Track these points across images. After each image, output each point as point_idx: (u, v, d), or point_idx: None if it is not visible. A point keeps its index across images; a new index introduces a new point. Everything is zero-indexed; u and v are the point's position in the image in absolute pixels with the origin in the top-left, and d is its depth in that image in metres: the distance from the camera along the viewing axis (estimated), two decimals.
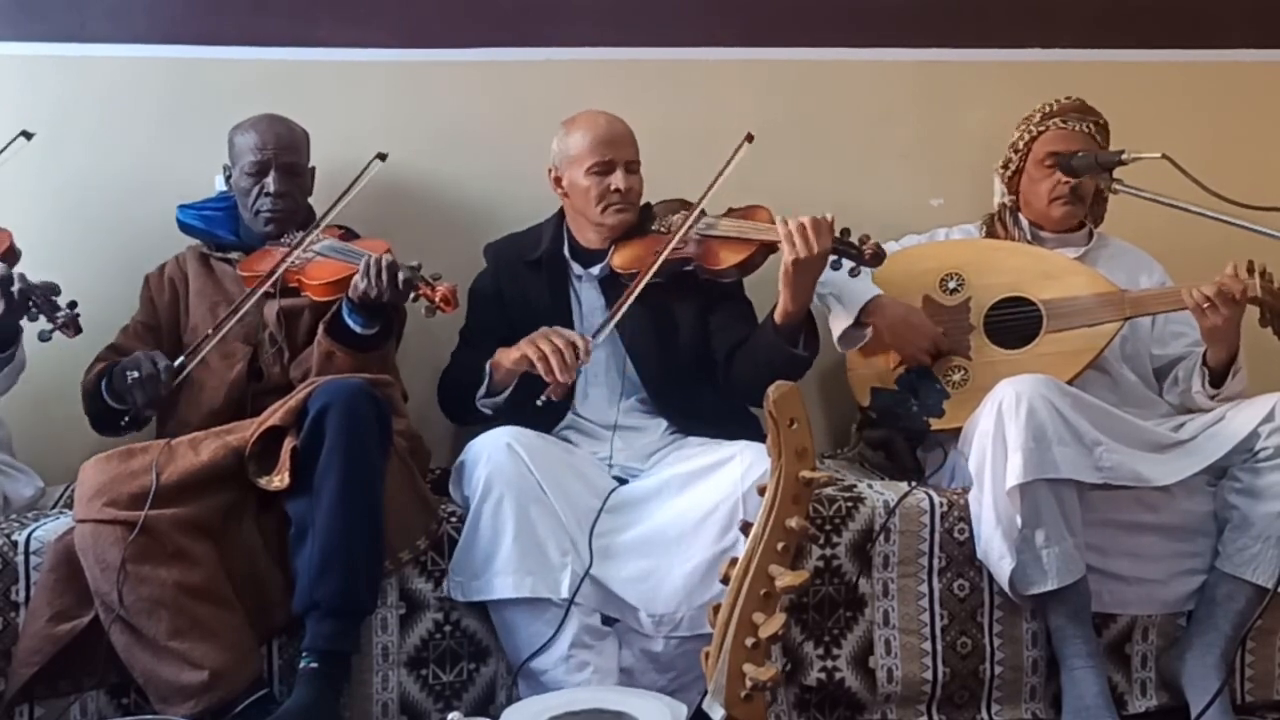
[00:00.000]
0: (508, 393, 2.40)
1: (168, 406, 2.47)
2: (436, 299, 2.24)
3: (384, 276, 2.25)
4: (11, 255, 2.27)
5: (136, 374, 2.25)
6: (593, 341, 2.32)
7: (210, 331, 2.35)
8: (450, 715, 1.77)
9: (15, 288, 2.12)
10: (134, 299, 2.60)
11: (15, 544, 2.17)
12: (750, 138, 2.49)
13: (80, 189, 2.79)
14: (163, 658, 2.05)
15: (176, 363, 2.29)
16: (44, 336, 2.19)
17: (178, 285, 2.56)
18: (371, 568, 2.16)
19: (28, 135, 2.39)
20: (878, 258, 2.38)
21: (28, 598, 2.14)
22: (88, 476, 2.14)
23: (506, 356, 2.37)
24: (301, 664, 2.11)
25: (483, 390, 2.42)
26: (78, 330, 2.17)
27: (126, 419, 2.32)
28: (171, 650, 2.05)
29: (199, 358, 2.31)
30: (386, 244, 2.45)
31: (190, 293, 2.55)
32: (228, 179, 2.57)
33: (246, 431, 2.20)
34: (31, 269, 2.47)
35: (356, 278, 2.28)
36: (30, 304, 2.13)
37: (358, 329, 2.34)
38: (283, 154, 2.50)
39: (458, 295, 2.27)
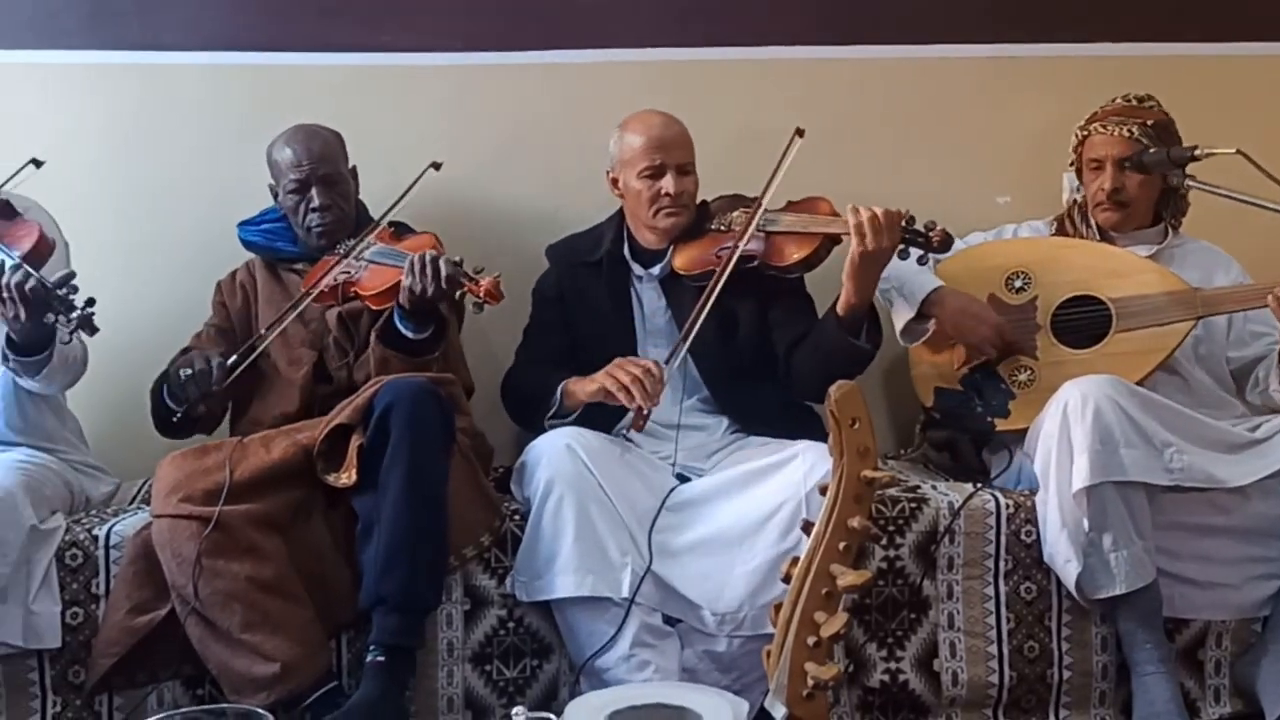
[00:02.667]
0: (575, 415, 2.41)
1: (239, 408, 2.54)
2: (481, 293, 2.25)
3: (429, 273, 2.27)
4: (43, 248, 2.26)
5: (189, 370, 2.31)
6: (667, 369, 2.32)
7: (264, 331, 2.40)
8: (514, 710, 1.79)
9: (29, 287, 2.13)
10: (205, 304, 2.65)
11: (95, 538, 2.23)
12: (800, 132, 2.48)
13: (152, 195, 2.85)
14: (236, 650, 2.10)
15: (230, 361, 2.32)
16: (64, 340, 2.21)
17: (248, 291, 2.62)
18: (435, 563, 2.19)
19: (37, 164, 2.40)
20: (945, 244, 2.36)
21: (107, 590, 2.20)
22: (164, 473, 2.20)
23: (582, 389, 2.38)
24: (368, 658, 2.14)
25: (552, 412, 2.43)
26: (91, 330, 2.16)
27: (179, 416, 2.36)
28: (244, 643, 2.09)
29: (252, 357, 2.35)
30: (432, 238, 2.48)
31: (259, 299, 2.60)
32: (275, 196, 2.60)
33: (315, 430, 2.25)
34: (105, 273, 2.55)
35: (403, 278, 2.30)
36: (48, 304, 2.14)
37: (409, 334, 2.36)
38: (320, 166, 2.52)
39: (501, 288, 2.27)
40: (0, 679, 2.17)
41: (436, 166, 2.57)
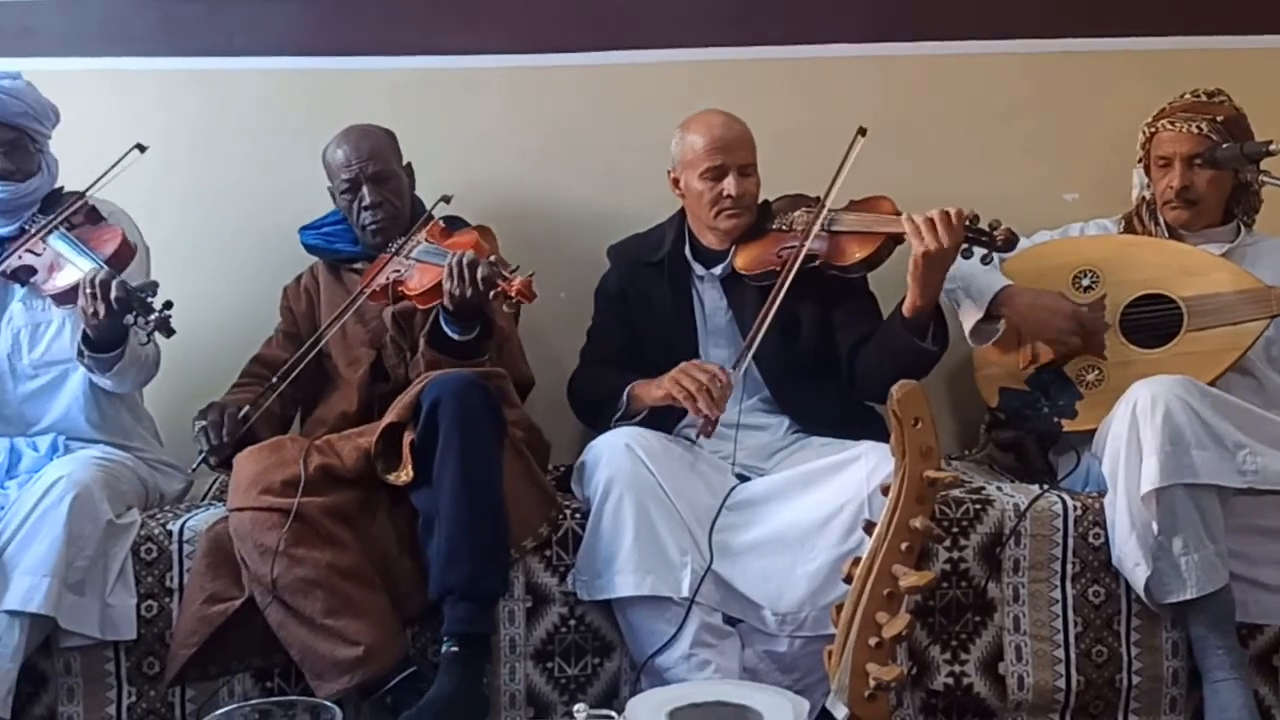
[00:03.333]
0: (640, 417, 2.42)
1: (307, 409, 2.60)
2: (513, 291, 2.25)
3: (465, 275, 2.28)
4: (125, 252, 2.33)
5: (203, 423, 2.37)
6: (733, 374, 2.31)
7: (274, 382, 2.41)
8: (576, 707, 1.80)
9: (113, 294, 2.19)
10: (271, 304, 2.71)
11: (169, 533, 2.29)
12: (863, 131, 2.46)
13: (219, 197, 2.92)
14: (319, 635, 2.14)
15: (241, 413, 2.37)
16: (142, 342, 2.27)
17: (312, 294, 2.66)
18: (497, 551, 2.21)
19: (141, 148, 2.48)
20: (1010, 243, 2.33)
21: (181, 584, 2.25)
22: (243, 467, 2.25)
23: (648, 393, 2.38)
24: (443, 648, 2.17)
25: (618, 414, 2.44)
26: (168, 332, 2.23)
27: (198, 463, 2.41)
28: (327, 627, 2.13)
29: (262, 409, 2.39)
30: (476, 236, 2.49)
31: (322, 301, 2.64)
32: (334, 197, 2.63)
33: (375, 433, 2.28)
34: (174, 274, 2.60)
35: (444, 279, 2.31)
36: (128, 307, 2.20)
37: (455, 336, 2.38)
38: (369, 165, 2.54)
39: (533, 287, 2.26)
40: (79, 670, 2.23)
41: (447, 200, 2.58)
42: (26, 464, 2.35)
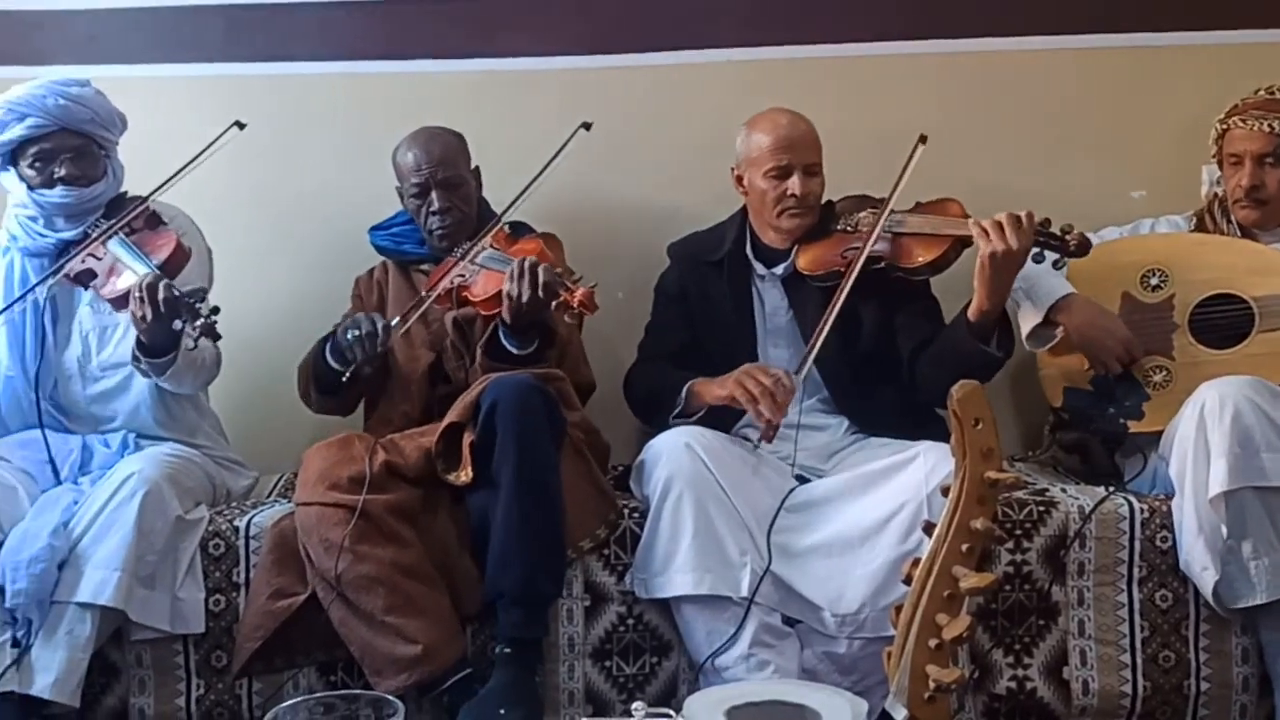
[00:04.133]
0: (699, 415, 2.42)
1: (370, 405, 2.62)
2: (575, 302, 2.26)
3: (527, 280, 2.29)
4: (178, 257, 2.36)
5: (357, 331, 2.37)
6: (797, 379, 2.30)
7: (411, 308, 2.45)
8: (634, 705, 1.80)
9: (161, 297, 2.22)
10: (331, 303, 2.73)
11: (236, 529, 2.33)
12: (923, 139, 2.45)
13: (285, 200, 2.96)
14: (379, 631, 2.16)
15: (394, 322, 2.39)
16: (190, 346, 2.29)
17: (383, 289, 2.69)
18: (552, 556, 2.23)
19: (240, 125, 2.52)
20: (1083, 248, 2.30)
21: (247, 579, 2.29)
22: (310, 463, 2.29)
23: (709, 392, 2.38)
24: (497, 649, 2.20)
25: (676, 411, 2.44)
26: (214, 337, 2.25)
27: (347, 376, 2.40)
28: (387, 625, 2.16)
29: (410, 322, 2.41)
30: (540, 243, 2.49)
31: (390, 299, 2.66)
32: (402, 199, 2.66)
33: (436, 433, 2.30)
34: (241, 276, 2.68)
35: (505, 285, 2.32)
36: (176, 312, 2.23)
37: (514, 350, 2.39)
38: (439, 170, 2.55)
39: (596, 299, 2.27)
40: (149, 662, 2.28)
41: (587, 127, 2.58)
42: (99, 461, 2.40)
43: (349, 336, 2.37)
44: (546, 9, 2.95)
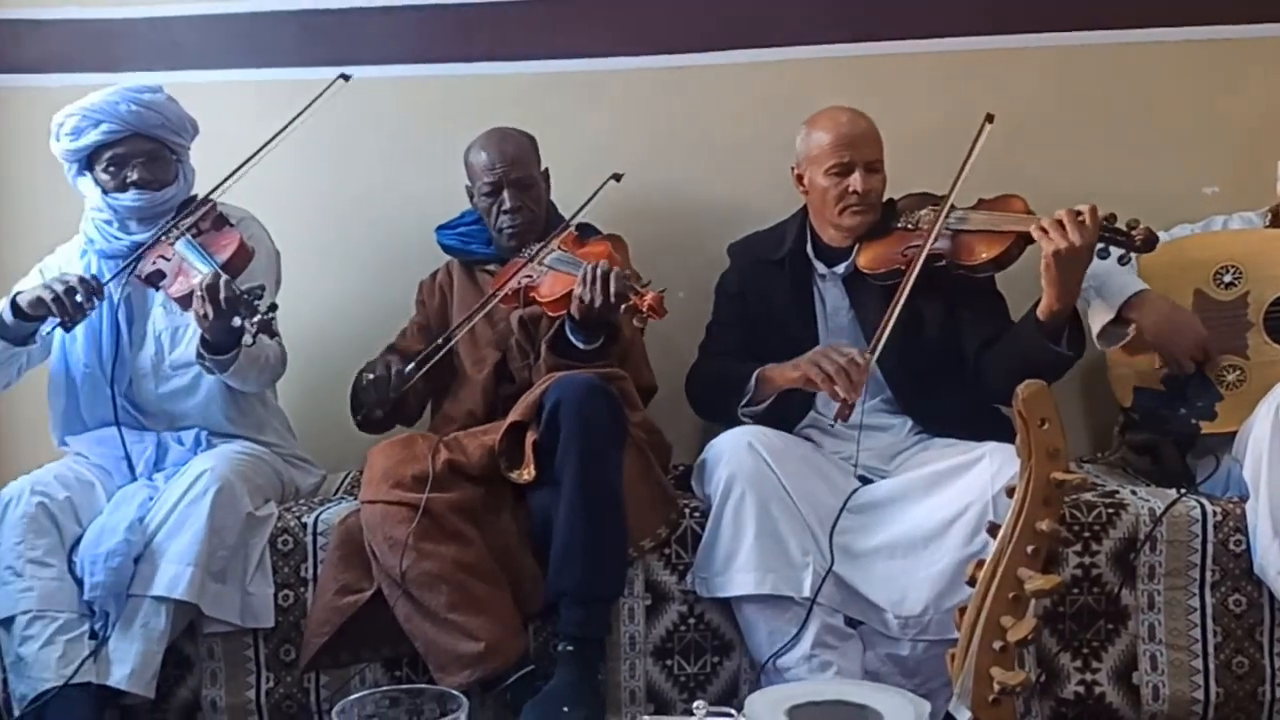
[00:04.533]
0: (768, 403, 2.42)
1: (436, 404, 2.65)
2: (644, 307, 2.27)
3: (599, 286, 2.30)
4: (241, 256, 2.40)
5: (371, 376, 2.44)
6: (871, 357, 2.29)
7: (449, 332, 2.50)
8: (695, 704, 1.80)
9: (221, 295, 2.26)
10: (398, 303, 2.78)
11: (304, 525, 2.37)
12: (990, 118, 2.41)
13: (352, 200, 3.00)
14: (442, 628, 2.19)
15: (408, 369, 2.43)
16: (248, 343, 2.32)
17: (446, 291, 2.72)
18: (613, 556, 2.24)
19: (345, 77, 2.55)
20: (1149, 243, 2.26)
21: (315, 574, 2.33)
22: (375, 462, 2.32)
23: (781, 375, 2.37)
24: (559, 647, 2.21)
25: (745, 400, 2.44)
26: (271, 333, 2.29)
27: (360, 417, 2.50)
28: (450, 622, 2.18)
29: (428, 365, 2.44)
30: (608, 246, 2.50)
31: (455, 299, 2.70)
32: (471, 197, 2.68)
33: (500, 431, 2.32)
34: (309, 275, 2.74)
35: (576, 288, 2.33)
36: (235, 308, 2.26)
37: (580, 345, 2.40)
38: (513, 170, 2.58)
39: (665, 304, 2.28)
40: (221, 655, 2.33)
41: (618, 178, 2.61)
42: (173, 457, 2.46)
43: (363, 380, 2.46)
44: (608, 9, 2.96)
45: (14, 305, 2.36)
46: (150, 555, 2.23)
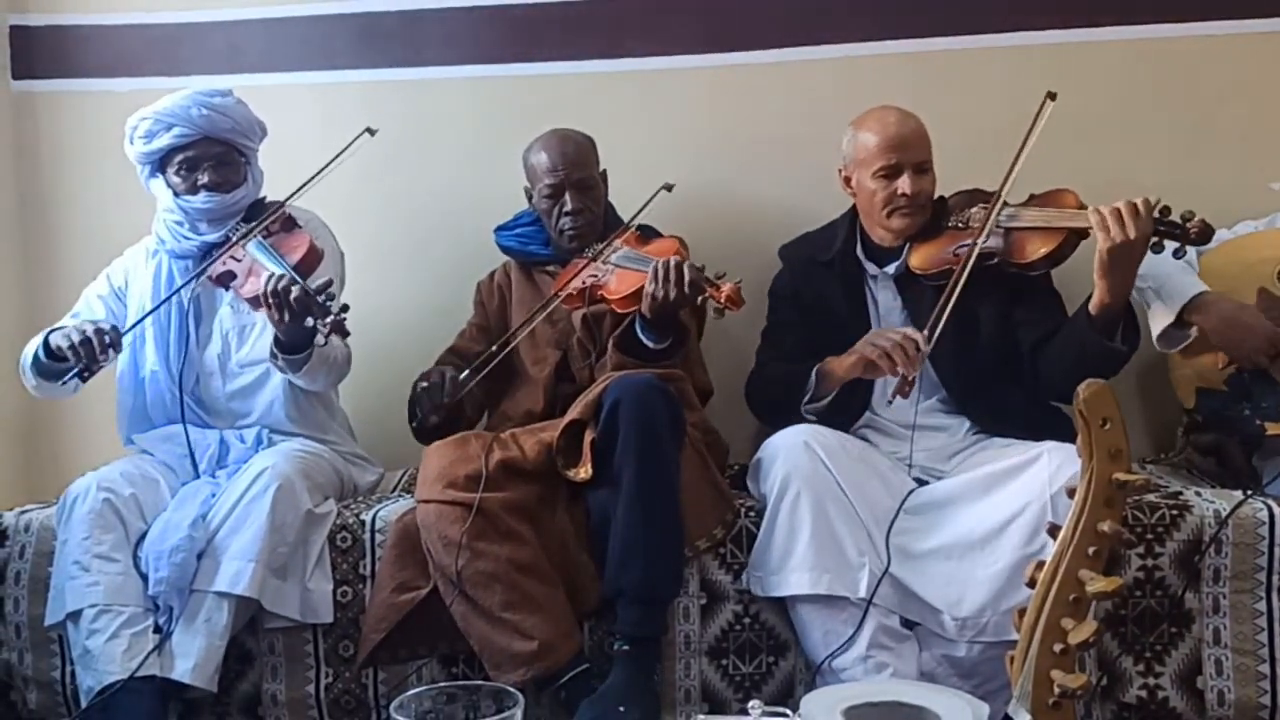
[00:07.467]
0: (830, 398, 2.41)
1: (494, 404, 2.67)
2: (722, 299, 2.27)
3: (672, 279, 2.31)
4: (311, 258, 2.44)
5: (425, 384, 2.46)
6: (927, 336, 2.26)
7: (507, 335, 2.52)
8: (750, 704, 1.80)
9: (294, 296, 2.30)
10: (457, 304, 2.81)
11: (363, 523, 2.40)
12: (1052, 95, 2.37)
13: (416, 202, 3.04)
14: (497, 627, 2.21)
15: (462, 375, 2.45)
16: (320, 343, 2.37)
17: (504, 291, 2.74)
18: (671, 556, 2.24)
19: (371, 132, 2.60)
20: (1204, 236, 2.22)
21: (373, 571, 2.35)
22: (430, 462, 2.34)
23: (839, 365, 2.36)
24: (615, 646, 2.22)
25: (808, 396, 2.43)
26: (343, 333, 2.33)
27: (415, 425, 2.52)
28: (505, 621, 2.20)
29: (484, 372, 2.46)
30: (676, 243, 2.51)
31: (513, 300, 2.71)
32: (530, 198, 2.70)
33: (557, 429, 2.34)
34: (371, 276, 2.76)
35: (648, 285, 2.34)
36: (308, 309, 2.31)
37: (649, 344, 2.41)
38: (574, 171, 2.59)
39: (742, 294, 2.28)
40: (281, 650, 2.36)
41: (669, 188, 2.62)
42: (235, 455, 2.50)
43: (417, 389, 2.47)
44: (670, 9, 2.96)
45: (46, 343, 2.43)
46: (213, 551, 2.27)
